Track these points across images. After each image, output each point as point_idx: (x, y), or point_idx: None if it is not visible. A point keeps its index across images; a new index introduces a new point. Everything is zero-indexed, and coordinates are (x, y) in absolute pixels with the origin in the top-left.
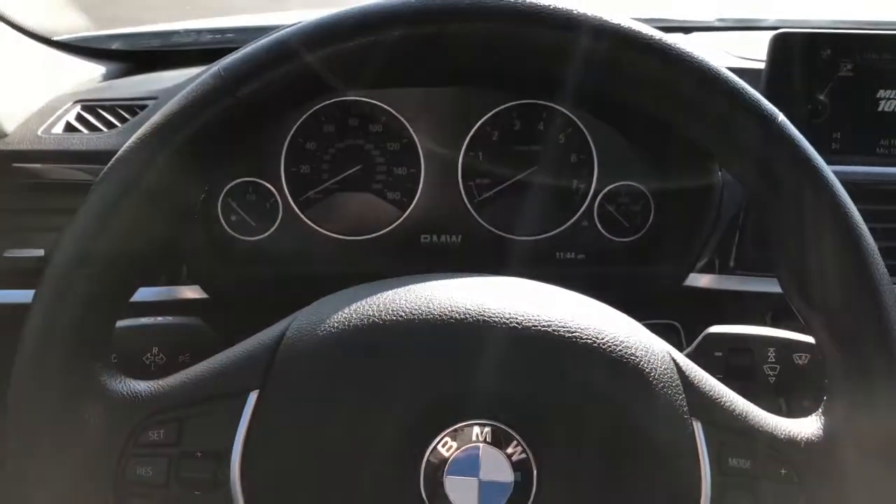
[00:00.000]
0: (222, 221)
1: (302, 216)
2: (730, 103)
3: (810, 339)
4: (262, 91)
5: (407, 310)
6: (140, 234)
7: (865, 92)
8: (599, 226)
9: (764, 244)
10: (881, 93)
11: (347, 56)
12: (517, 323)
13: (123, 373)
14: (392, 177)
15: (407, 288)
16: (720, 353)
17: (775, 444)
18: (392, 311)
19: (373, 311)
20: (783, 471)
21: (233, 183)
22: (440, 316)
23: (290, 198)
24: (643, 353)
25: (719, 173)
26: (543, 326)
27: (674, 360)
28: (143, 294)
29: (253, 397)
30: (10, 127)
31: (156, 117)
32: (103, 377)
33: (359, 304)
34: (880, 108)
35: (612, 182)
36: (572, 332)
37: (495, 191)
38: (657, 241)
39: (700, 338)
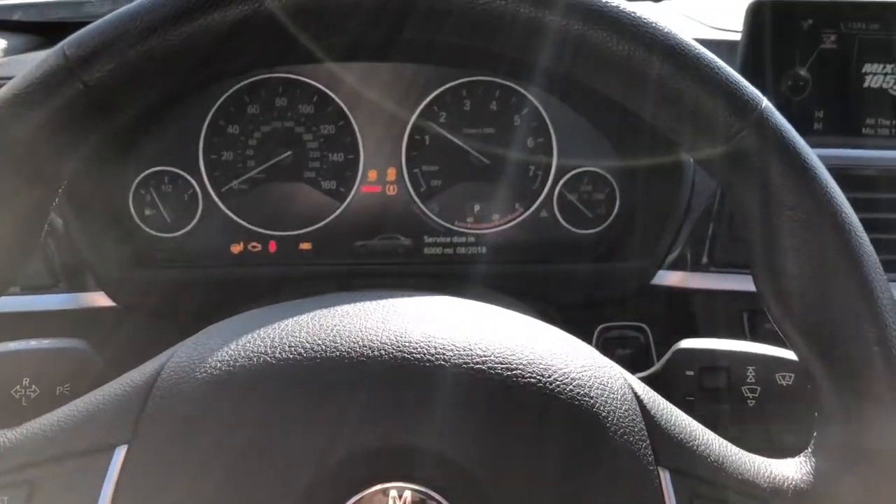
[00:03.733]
0: (134, 216)
1: (224, 209)
2: (703, 87)
3: (795, 357)
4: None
5: (307, 345)
6: None
7: (850, 66)
8: (559, 216)
9: (740, 239)
10: (867, 67)
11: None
12: (444, 360)
13: None
14: (327, 164)
15: (311, 315)
16: (692, 372)
17: (758, 493)
18: (289, 345)
19: (265, 345)
20: None
21: (146, 172)
22: (349, 352)
23: (210, 189)
24: (599, 391)
25: (691, 161)
26: (476, 363)
27: (636, 398)
28: (41, 302)
29: (120, 453)
30: None
31: None
32: None
33: (249, 336)
34: (867, 84)
35: (573, 168)
36: (513, 370)
37: (444, 178)
38: (623, 234)
39: (669, 353)
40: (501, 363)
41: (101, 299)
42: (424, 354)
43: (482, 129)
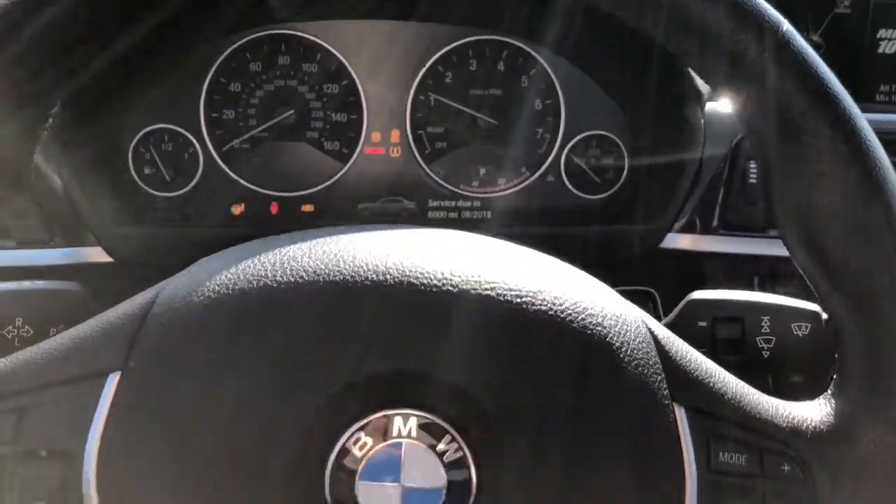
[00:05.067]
0: (133, 174)
1: (225, 169)
2: (722, 7)
3: (811, 306)
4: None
5: (310, 269)
6: None
7: (864, 31)
8: (567, 181)
9: (753, 199)
10: (882, 32)
11: None
12: (452, 286)
13: None
14: (330, 124)
15: (312, 243)
16: (705, 323)
17: (776, 434)
18: (290, 270)
19: (265, 269)
20: (786, 467)
21: (146, 130)
22: (351, 276)
23: (211, 148)
24: (612, 322)
25: (702, 120)
26: (485, 290)
27: (651, 332)
28: (36, 257)
29: (113, 381)
30: None
31: None
32: None
33: (248, 262)
34: (881, 50)
35: (582, 131)
36: (523, 297)
37: (449, 141)
38: (632, 198)
39: (681, 305)
40: (511, 290)
41: (97, 254)
42: (431, 279)
43: (489, 90)
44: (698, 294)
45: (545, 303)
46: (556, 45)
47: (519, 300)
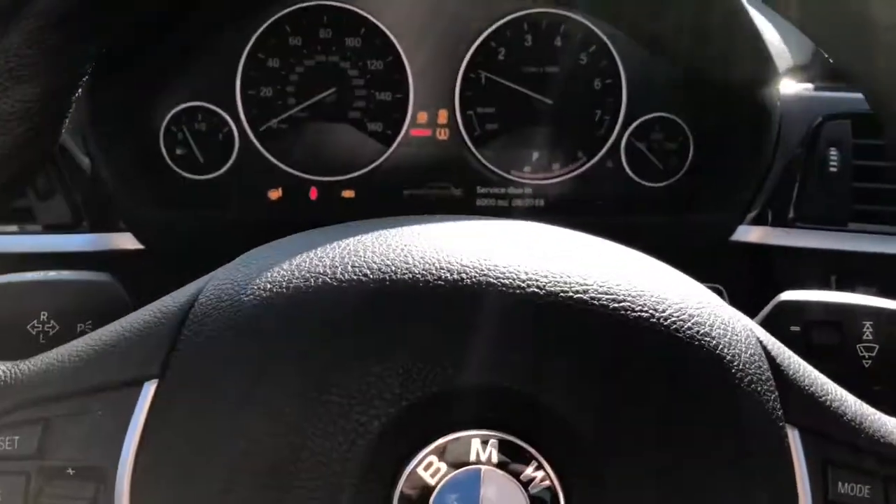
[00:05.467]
0: (164, 156)
1: (262, 150)
2: None
3: None
4: None
5: (376, 265)
6: None
7: None
8: (627, 167)
9: (833, 189)
10: None
11: None
12: (538, 287)
13: None
14: (374, 103)
15: (376, 235)
16: (797, 328)
17: None
18: (352, 266)
19: (323, 265)
20: None
21: (178, 108)
22: (423, 275)
23: (247, 127)
24: (721, 331)
25: (777, 101)
26: (576, 292)
27: (761, 344)
28: (63, 243)
29: (150, 389)
30: None
31: None
32: None
33: (304, 256)
34: None
35: (644, 113)
36: (620, 302)
37: (500, 122)
38: (698, 186)
39: (770, 306)
40: (606, 293)
41: (126, 241)
42: (514, 280)
43: (544, 67)
44: (789, 294)
45: (646, 308)
46: (616, 18)
47: (616, 305)
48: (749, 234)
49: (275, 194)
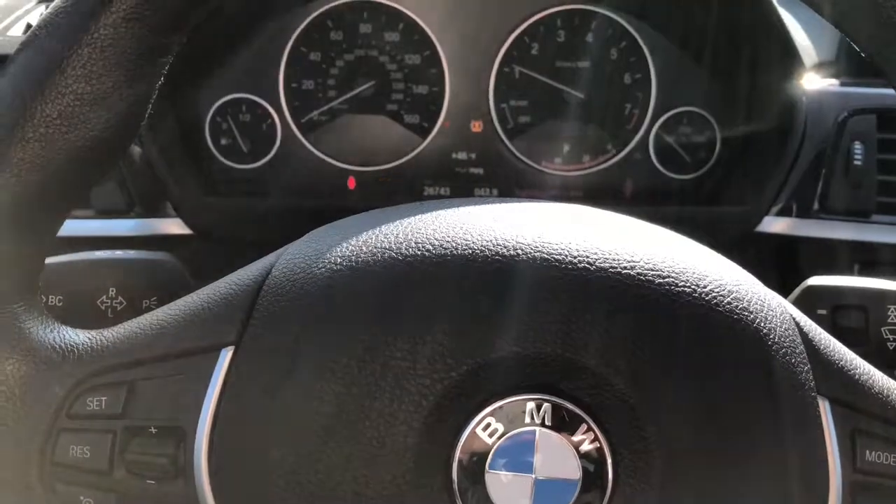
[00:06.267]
0: (210, 146)
1: (304, 141)
2: None
3: None
4: None
5: (437, 241)
6: (77, 122)
7: None
8: (655, 160)
9: (857, 182)
10: None
11: None
12: (588, 262)
13: (62, 319)
14: (411, 96)
15: (435, 214)
16: (824, 311)
17: None
18: (417, 241)
19: (389, 241)
20: None
21: (223, 100)
22: (482, 250)
23: (289, 119)
24: (758, 307)
25: (804, 98)
26: (624, 268)
27: (794, 320)
28: (115, 227)
29: (226, 355)
30: None
31: None
32: (26, 323)
33: (370, 232)
34: None
35: (673, 107)
36: (665, 277)
37: (532, 115)
38: (725, 179)
39: (798, 290)
40: (652, 269)
41: (176, 226)
42: (566, 256)
43: (576, 62)
44: (817, 280)
45: (689, 284)
46: (645, 16)
47: (661, 280)
48: (774, 225)
49: (315, 183)
